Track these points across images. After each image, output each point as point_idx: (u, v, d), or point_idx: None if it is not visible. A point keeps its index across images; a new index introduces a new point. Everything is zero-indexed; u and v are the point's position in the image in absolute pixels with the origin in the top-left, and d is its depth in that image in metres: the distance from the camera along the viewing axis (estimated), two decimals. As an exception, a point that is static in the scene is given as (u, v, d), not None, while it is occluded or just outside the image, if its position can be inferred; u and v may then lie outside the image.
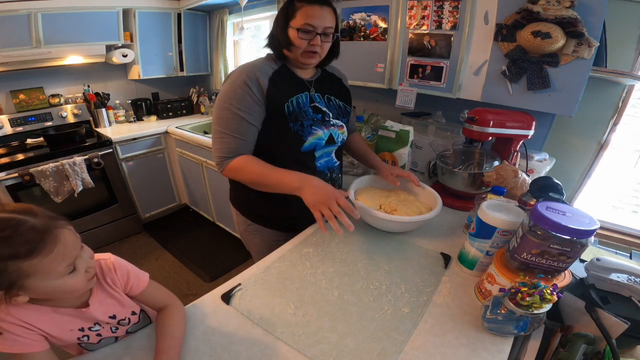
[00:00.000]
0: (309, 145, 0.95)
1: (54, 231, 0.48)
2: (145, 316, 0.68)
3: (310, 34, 0.86)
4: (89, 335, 0.59)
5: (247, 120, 0.89)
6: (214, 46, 2.71)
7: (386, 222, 0.95)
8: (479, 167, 1.18)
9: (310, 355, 0.60)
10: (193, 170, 2.43)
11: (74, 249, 0.51)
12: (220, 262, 2.26)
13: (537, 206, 0.63)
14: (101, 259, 0.62)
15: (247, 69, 0.89)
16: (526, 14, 1.09)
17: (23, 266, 0.45)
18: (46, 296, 0.52)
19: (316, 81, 1.01)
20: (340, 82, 1.11)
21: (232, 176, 0.93)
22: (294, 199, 0.98)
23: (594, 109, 1.29)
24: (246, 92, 0.87)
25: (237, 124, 0.88)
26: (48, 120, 2.23)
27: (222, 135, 0.89)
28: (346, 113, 1.07)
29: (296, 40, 0.87)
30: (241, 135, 0.89)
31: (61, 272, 0.49)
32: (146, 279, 0.66)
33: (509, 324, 0.62)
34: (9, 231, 0.44)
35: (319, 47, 0.89)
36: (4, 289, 0.46)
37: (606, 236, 1.33)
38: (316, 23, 0.85)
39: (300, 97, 0.94)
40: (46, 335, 0.54)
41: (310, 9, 0.84)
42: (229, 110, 0.88)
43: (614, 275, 0.75)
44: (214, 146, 0.92)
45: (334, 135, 1.01)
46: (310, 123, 0.94)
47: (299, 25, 0.85)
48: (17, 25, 1.84)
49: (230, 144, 0.89)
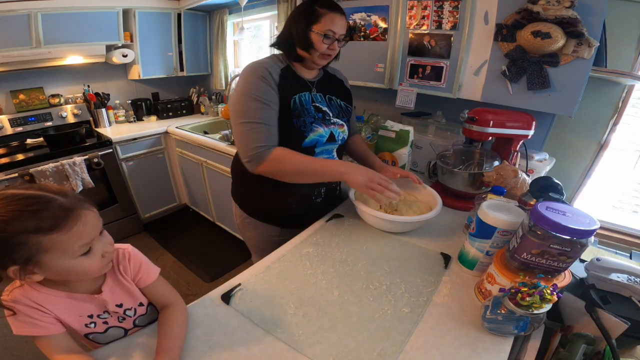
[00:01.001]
0: (309, 141, 0.97)
1: (78, 210, 0.51)
2: (154, 309, 0.69)
3: (331, 39, 0.93)
4: (96, 322, 0.61)
5: (272, 108, 0.91)
6: (214, 46, 2.71)
7: (386, 222, 0.95)
8: (479, 167, 1.18)
9: (310, 355, 0.60)
10: (193, 170, 2.43)
11: (93, 230, 0.53)
12: (220, 262, 2.26)
13: (537, 206, 0.63)
14: (119, 247, 0.64)
15: (258, 65, 0.92)
16: (526, 14, 1.09)
17: (43, 240, 0.47)
18: (61, 276, 0.53)
19: (318, 82, 1.04)
20: (342, 84, 1.14)
21: (270, 169, 0.91)
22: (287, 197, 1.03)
23: (594, 109, 1.29)
24: (265, 82, 0.90)
25: (266, 112, 0.90)
26: (48, 120, 2.23)
27: (254, 126, 0.89)
28: (347, 113, 1.10)
29: (318, 44, 0.92)
30: (272, 123, 0.91)
31: (76, 251, 0.51)
32: (156, 273, 0.68)
33: (509, 324, 0.62)
34: (38, 206, 0.47)
35: (334, 51, 0.96)
36: (21, 263, 0.47)
37: (606, 236, 1.33)
38: (337, 29, 0.92)
39: (303, 96, 0.97)
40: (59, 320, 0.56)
41: (334, 16, 0.91)
42: (255, 100, 0.88)
43: (614, 275, 0.75)
44: (246, 139, 0.90)
45: (335, 134, 1.03)
46: (311, 120, 0.96)
47: (323, 31, 0.90)
48: (17, 25, 1.84)
49: (265, 132, 0.90)
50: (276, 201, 1.05)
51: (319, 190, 1.08)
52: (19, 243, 0.46)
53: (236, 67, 2.87)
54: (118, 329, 0.64)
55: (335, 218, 1.06)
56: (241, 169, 1.05)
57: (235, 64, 2.87)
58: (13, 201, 0.46)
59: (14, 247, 0.45)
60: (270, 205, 1.07)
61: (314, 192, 1.08)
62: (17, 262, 0.47)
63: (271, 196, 1.04)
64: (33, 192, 0.49)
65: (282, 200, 1.05)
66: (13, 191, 0.48)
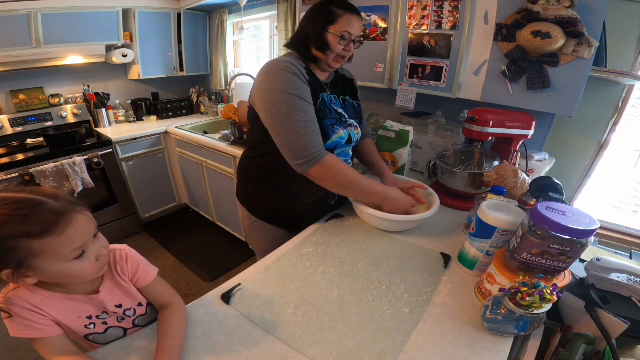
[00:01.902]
0: (331, 143, 0.95)
1: (69, 214, 0.50)
2: (154, 309, 0.69)
3: (347, 41, 0.91)
4: (96, 323, 0.61)
5: (313, 106, 0.89)
6: (214, 46, 2.71)
7: (384, 221, 0.95)
8: (479, 167, 1.18)
9: (310, 355, 0.60)
10: (193, 170, 2.43)
11: (85, 234, 0.52)
12: (220, 262, 2.26)
13: (537, 206, 0.63)
14: (116, 248, 0.64)
15: (287, 62, 0.88)
16: (526, 13, 1.09)
17: (34, 245, 0.46)
18: (54, 279, 0.53)
19: (331, 83, 1.03)
20: (352, 83, 1.12)
21: (322, 175, 0.89)
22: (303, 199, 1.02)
23: (594, 109, 1.29)
24: (301, 80, 0.87)
25: (312, 110, 0.88)
26: (48, 120, 2.23)
27: (309, 125, 0.85)
28: (360, 113, 1.09)
29: (335, 45, 0.90)
30: (318, 124, 0.89)
31: (68, 255, 0.50)
32: (154, 273, 0.67)
33: (509, 324, 0.62)
34: (28, 210, 0.46)
35: (350, 53, 0.94)
36: (13, 267, 0.47)
37: (606, 236, 1.33)
38: (353, 31, 0.90)
39: (325, 96, 0.96)
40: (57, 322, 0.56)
41: (351, 17, 0.89)
42: (299, 98, 0.85)
43: (614, 275, 0.75)
44: (301, 139, 0.85)
45: (352, 136, 1.02)
46: (333, 122, 0.95)
47: (340, 32, 0.89)
48: (17, 25, 1.84)
49: (318, 133, 0.87)
50: (291, 202, 1.03)
51: (333, 193, 1.06)
52: (9, 247, 0.45)
53: (236, 67, 2.87)
54: (118, 329, 0.64)
55: (335, 218, 1.06)
56: (252, 171, 1.04)
57: (235, 64, 2.87)
58: (2, 205, 0.45)
59: (4, 252, 0.45)
60: (284, 207, 1.05)
61: (329, 194, 1.05)
62: (9, 266, 0.47)
63: (287, 197, 1.02)
64: (24, 195, 0.48)
65: (298, 201, 1.03)
66: (3, 195, 0.47)
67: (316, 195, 1.02)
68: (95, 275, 0.57)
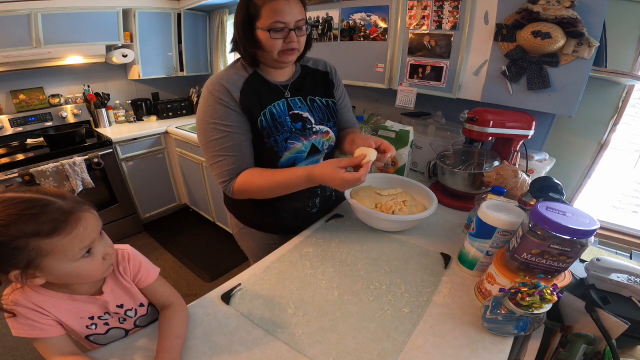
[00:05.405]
0: (285, 160, 0.90)
1: (77, 213, 0.50)
2: (154, 309, 0.69)
3: (283, 32, 0.77)
4: (97, 324, 0.61)
5: (236, 132, 0.83)
6: (214, 46, 2.71)
7: (382, 221, 0.95)
8: (479, 167, 1.18)
9: (310, 355, 0.60)
10: (193, 170, 2.43)
11: (93, 233, 0.53)
12: (220, 262, 2.26)
13: (537, 206, 0.63)
14: (119, 248, 0.64)
15: (215, 84, 0.82)
16: (526, 13, 1.09)
17: (43, 244, 0.47)
18: (62, 279, 0.53)
19: (293, 84, 0.91)
20: (326, 76, 0.98)
21: (242, 196, 0.87)
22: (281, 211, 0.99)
23: (594, 109, 1.29)
24: (224, 105, 0.81)
25: (230, 140, 0.82)
26: (48, 120, 2.23)
27: (218, 158, 0.84)
28: (334, 112, 0.98)
29: (268, 42, 0.77)
30: (237, 151, 0.84)
31: (76, 254, 0.50)
32: (156, 273, 0.67)
33: (509, 324, 0.62)
34: (37, 210, 0.47)
35: (296, 43, 0.80)
36: (22, 267, 0.47)
37: (606, 236, 1.33)
38: (287, 19, 0.75)
39: (275, 107, 0.87)
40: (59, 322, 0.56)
41: (275, 4, 0.74)
42: (214, 130, 0.82)
43: (614, 275, 0.75)
44: (214, 172, 0.86)
45: (317, 145, 0.94)
46: (286, 136, 0.87)
47: (268, 25, 0.75)
48: (17, 25, 1.84)
49: (229, 164, 0.84)
50: (272, 215, 1.01)
51: (313, 202, 1.03)
52: (18, 247, 0.45)
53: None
54: (119, 329, 0.64)
55: (335, 218, 1.06)
56: None
57: (235, 64, 2.87)
58: (11, 205, 0.45)
59: (13, 252, 0.45)
60: (266, 219, 1.03)
61: (308, 204, 1.02)
62: (17, 267, 0.47)
63: (266, 211, 1.00)
64: (31, 195, 0.48)
65: (277, 214, 1.01)
66: (11, 194, 0.47)
67: (292, 207, 1.00)
68: (102, 274, 0.57)
